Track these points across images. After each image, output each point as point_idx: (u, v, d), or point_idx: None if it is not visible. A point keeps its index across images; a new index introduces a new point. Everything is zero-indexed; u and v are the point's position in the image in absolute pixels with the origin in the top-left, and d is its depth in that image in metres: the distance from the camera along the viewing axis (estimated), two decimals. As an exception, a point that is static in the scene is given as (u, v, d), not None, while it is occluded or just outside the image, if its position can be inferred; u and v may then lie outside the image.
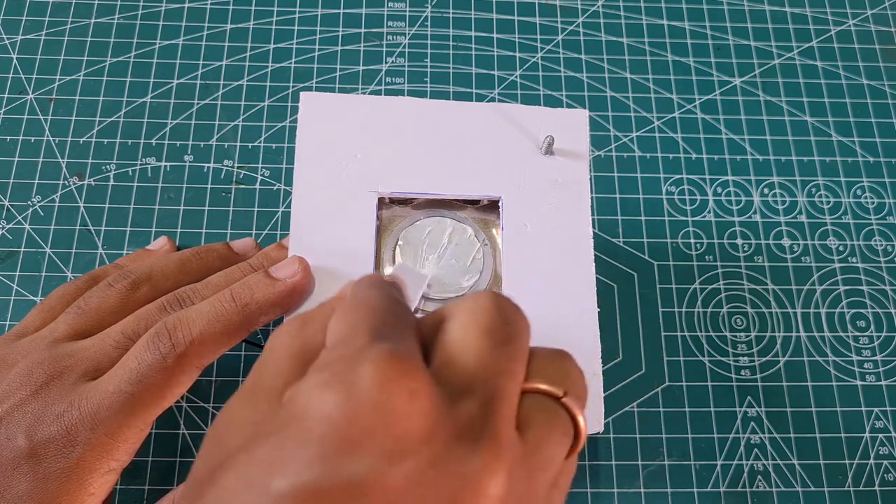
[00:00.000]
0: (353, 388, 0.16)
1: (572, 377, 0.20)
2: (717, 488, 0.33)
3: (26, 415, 0.25)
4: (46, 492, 0.24)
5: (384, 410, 0.16)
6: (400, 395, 0.16)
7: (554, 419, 0.19)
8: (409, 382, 0.16)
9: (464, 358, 0.18)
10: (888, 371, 0.36)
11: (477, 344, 0.18)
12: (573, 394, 0.19)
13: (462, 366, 0.18)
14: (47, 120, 0.39)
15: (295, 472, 0.15)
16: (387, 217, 0.31)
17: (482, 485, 0.16)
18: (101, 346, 0.27)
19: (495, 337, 0.18)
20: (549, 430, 0.18)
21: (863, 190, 0.39)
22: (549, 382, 0.19)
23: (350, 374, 0.16)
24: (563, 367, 0.20)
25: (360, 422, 0.15)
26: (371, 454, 0.15)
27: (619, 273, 0.37)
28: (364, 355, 0.16)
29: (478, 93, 0.40)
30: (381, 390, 0.16)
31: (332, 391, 0.16)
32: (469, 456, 0.16)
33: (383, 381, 0.16)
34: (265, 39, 0.41)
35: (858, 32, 0.43)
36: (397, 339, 0.17)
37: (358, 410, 0.15)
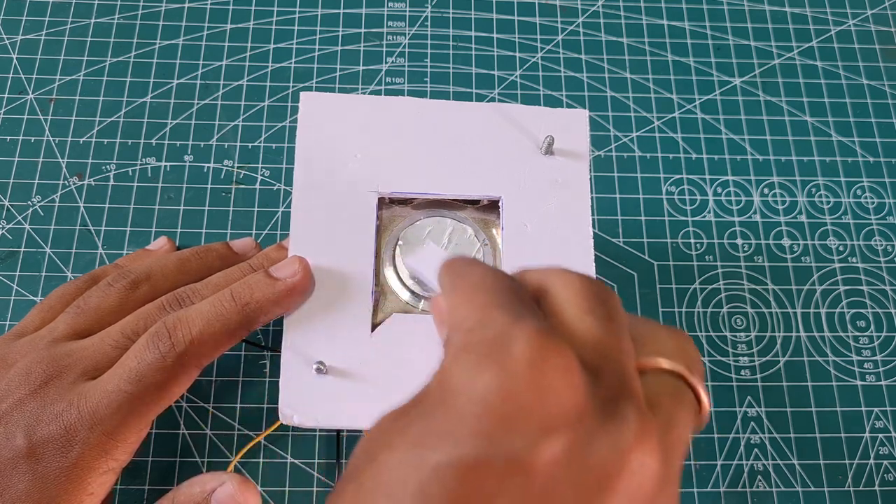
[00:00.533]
0: (507, 366, 0.16)
1: (689, 354, 0.20)
2: (717, 488, 0.33)
3: (25, 414, 0.25)
4: (45, 491, 0.24)
5: (539, 387, 0.16)
6: (553, 372, 0.16)
7: (682, 398, 0.19)
8: (560, 359, 0.16)
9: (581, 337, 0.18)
10: (888, 371, 0.36)
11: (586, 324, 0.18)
12: (696, 371, 0.19)
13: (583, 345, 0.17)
14: (47, 120, 0.39)
15: (453, 447, 0.15)
16: (387, 217, 0.31)
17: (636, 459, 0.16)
18: (100, 345, 0.27)
19: (598, 316, 0.18)
20: (679, 409, 0.18)
21: (863, 190, 0.39)
22: (670, 361, 0.19)
23: (502, 353, 0.16)
24: (678, 344, 0.20)
25: (516, 399, 0.15)
26: (528, 430, 0.15)
27: (619, 273, 0.37)
28: (513, 334, 0.16)
29: (478, 93, 0.40)
30: (535, 367, 0.16)
31: (485, 370, 0.16)
32: (619, 430, 0.16)
33: (536, 359, 0.16)
34: (265, 39, 0.41)
35: (858, 32, 0.43)
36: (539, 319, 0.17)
37: (513, 387, 0.15)
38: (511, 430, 0.15)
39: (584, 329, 0.18)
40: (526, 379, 0.15)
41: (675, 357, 0.19)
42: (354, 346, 0.28)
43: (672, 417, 0.18)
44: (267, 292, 0.28)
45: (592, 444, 0.16)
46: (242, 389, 0.34)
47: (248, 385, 0.34)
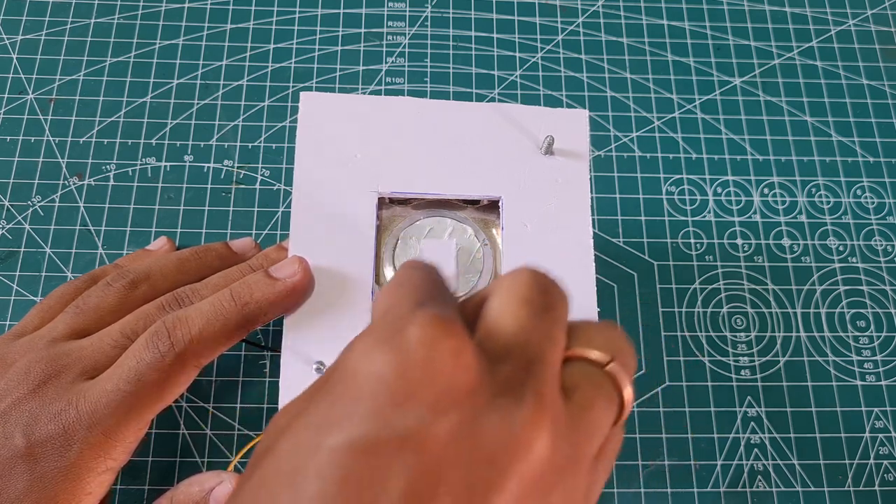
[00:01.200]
0: (401, 346, 0.16)
1: (618, 345, 0.20)
2: (717, 488, 0.33)
3: (24, 413, 0.25)
4: (43, 491, 0.24)
5: (430, 366, 0.16)
6: (444, 353, 0.16)
7: (598, 385, 0.19)
8: (452, 341, 0.16)
9: (503, 326, 0.18)
10: (888, 371, 0.36)
11: (516, 313, 0.19)
12: (619, 362, 0.20)
13: (502, 333, 0.18)
14: (47, 120, 0.39)
15: (348, 428, 0.15)
16: (387, 217, 0.31)
17: (526, 441, 0.16)
18: (99, 345, 0.27)
19: (534, 305, 0.19)
20: (594, 395, 0.19)
21: (863, 190, 0.39)
22: (594, 350, 0.20)
23: (397, 335, 0.17)
24: (608, 336, 0.20)
25: (408, 377, 0.16)
26: (419, 407, 0.16)
27: (619, 273, 0.37)
28: (410, 319, 0.17)
29: (478, 93, 0.40)
30: (427, 347, 0.16)
31: (380, 351, 0.16)
32: (512, 410, 0.16)
33: (429, 340, 0.16)
34: (265, 39, 0.41)
35: (858, 32, 0.43)
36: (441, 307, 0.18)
37: (406, 366, 0.16)
38: (403, 407, 0.16)
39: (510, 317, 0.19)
40: (417, 359, 0.16)
41: (601, 348, 0.20)
42: (354, 346, 0.28)
43: (586, 403, 0.18)
44: (267, 292, 0.28)
45: (483, 423, 0.16)
46: (242, 389, 0.34)
47: (248, 385, 0.34)
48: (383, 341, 0.17)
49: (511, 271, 0.20)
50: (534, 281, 0.20)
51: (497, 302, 0.19)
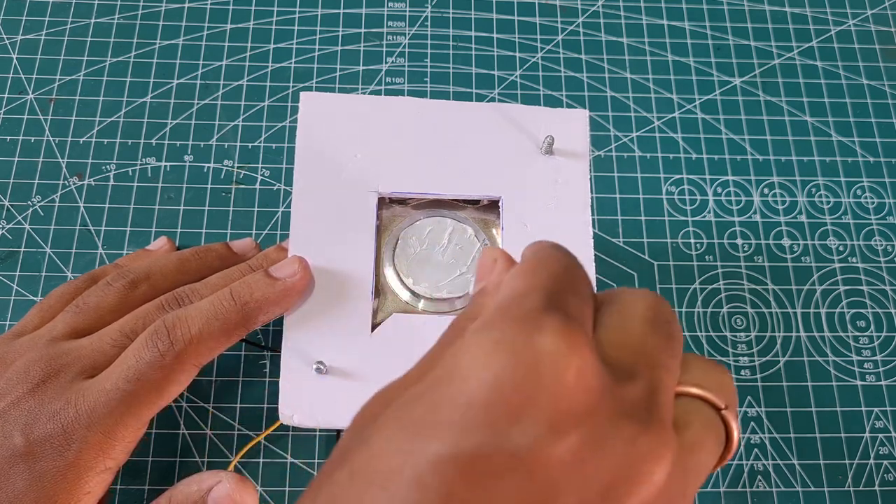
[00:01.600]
0: (524, 355, 0.15)
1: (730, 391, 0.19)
2: (717, 488, 0.33)
3: (23, 413, 0.25)
4: (42, 490, 0.24)
5: (553, 383, 0.15)
6: (569, 370, 0.15)
7: (710, 426, 0.18)
8: (579, 359, 0.15)
9: (630, 343, 0.18)
10: (888, 371, 0.36)
11: (643, 333, 0.18)
12: (732, 408, 0.19)
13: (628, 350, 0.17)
14: (47, 120, 0.39)
15: (454, 437, 0.14)
16: (387, 217, 0.31)
17: (647, 467, 0.15)
18: (98, 344, 0.27)
19: (658, 329, 0.18)
20: (706, 435, 0.18)
21: (863, 190, 0.39)
22: (708, 390, 0.19)
23: (521, 340, 0.15)
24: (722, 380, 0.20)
25: (527, 391, 0.15)
26: (537, 424, 0.15)
27: (619, 273, 0.37)
28: (539, 322, 0.15)
29: (478, 93, 0.40)
30: (555, 361, 0.15)
31: (501, 354, 0.15)
32: (635, 436, 0.15)
33: (555, 354, 0.15)
34: (265, 39, 0.41)
35: (858, 32, 0.43)
36: (573, 309, 0.17)
37: (529, 378, 0.15)
38: (517, 422, 0.14)
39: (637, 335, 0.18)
40: (542, 372, 0.15)
41: (713, 389, 0.19)
42: (354, 346, 0.28)
43: (698, 442, 0.18)
44: (266, 292, 0.28)
45: (605, 446, 0.15)
46: (242, 389, 0.34)
47: (248, 385, 0.34)
48: (506, 344, 0.15)
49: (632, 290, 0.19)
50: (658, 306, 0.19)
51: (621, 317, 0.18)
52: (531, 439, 0.14)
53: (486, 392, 0.15)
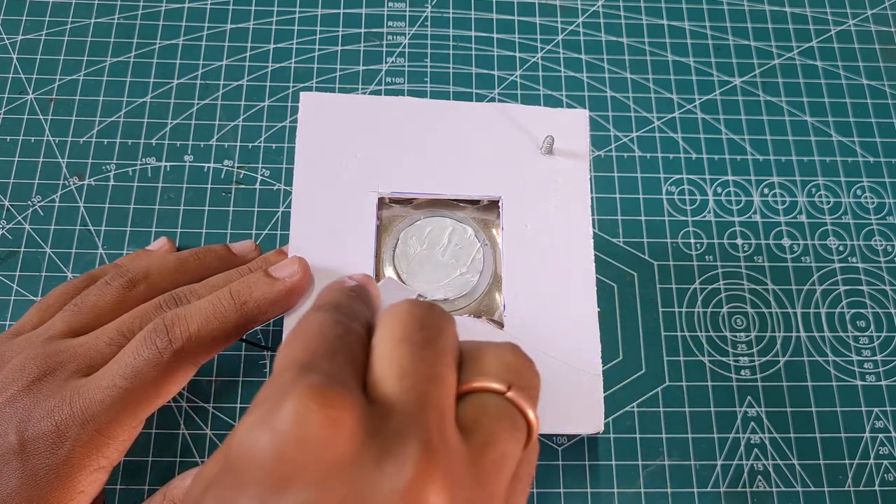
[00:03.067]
0: (277, 425, 0.16)
1: (515, 369, 0.19)
2: (717, 488, 0.33)
3: (18, 410, 0.25)
4: (35, 488, 0.24)
5: (307, 443, 0.16)
6: (321, 425, 0.16)
7: (499, 416, 0.18)
8: (329, 412, 0.16)
9: (387, 372, 0.18)
10: (888, 371, 0.36)
11: (395, 355, 0.18)
12: (518, 385, 0.19)
13: (387, 380, 0.18)
14: (47, 120, 0.39)
15: None
16: (387, 217, 0.31)
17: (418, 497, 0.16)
18: (95, 342, 0.27)
19: (411, 344, 0.18)
20: (496, 428, 0.18)
21: (863, 190, 0.39)
22: (490, 379, 0.19)
23: (274, 412, 0.16)
24: (505, 361, 0.19)
25: (287, 458, 0.16)
26: (303, 488, 0.15)
27: (619, 273, 0.37)
28: (287, 391, 0.16)
29: (478, 93, 0.40)
30: (301, 424, 0.16)
31: (258, 431, 0.16)
32: (400, 469, 0.16)
33: (303, 414, 0.16)
34: (265, 39, 0.41)
35: (858, 32, 0.43)
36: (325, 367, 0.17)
37: (283, 447, 0.16)
38: (287, 489, 0.15)
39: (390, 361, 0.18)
40: (294, 438, 0.16)
41: (498, 374, 0.19)
42: (354, 346, 0.28)
43: (489, 438, 0.18)
44: (266, 292, 0.28)
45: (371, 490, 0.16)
46: (242, 389, 0.34)
47: (248, 385, 0.34)
48: (260, 420, 0.16)
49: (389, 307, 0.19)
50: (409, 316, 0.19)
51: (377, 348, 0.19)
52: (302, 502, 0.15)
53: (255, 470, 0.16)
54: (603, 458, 0.33)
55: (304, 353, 0.18)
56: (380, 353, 0.18)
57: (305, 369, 0.17)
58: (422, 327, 0.19)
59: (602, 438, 0.34)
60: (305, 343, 0.18)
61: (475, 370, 0.19)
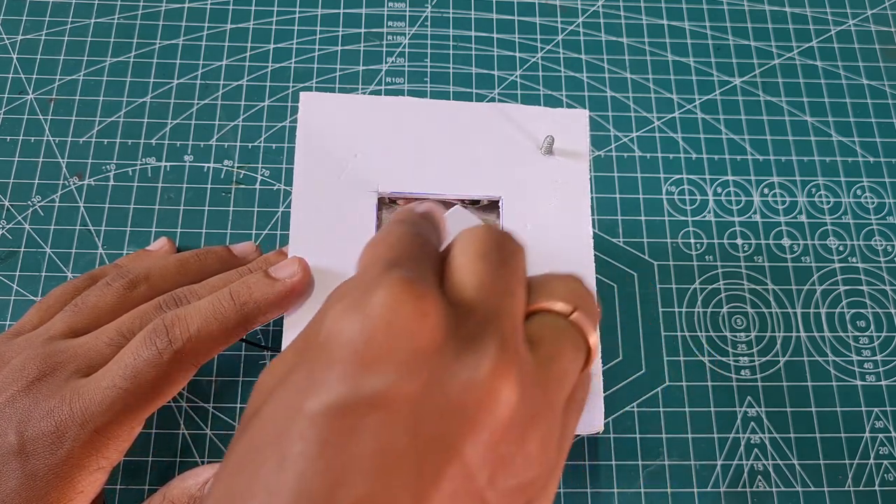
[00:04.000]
0: (368, 311, 0.17)
1: (580, 294, 0.21)
2: (717, 488, 0.33)
3: (17, 410, 0.25)
4: (35, 489, 0.24)
5: (396, 329, 0.17)
6: (410, 315, 0.17)
7: (563, 335, 0.20)
8: (418, 303, 0.17)
9: (465, 283, 0.19)
10: (888, 371, 0.36)
11: (474, 269, 0.20)
12: (582, 310, 0.20)
13: (465, 290, 0.19)
14: (47, 120, 0.39)
15: (324, 393, 0.16)
16: (387, 217, 0.31)
17: (492, 389, 0.17)
18: (95, 343, 0.27)
19: (490, 260, 0.20)
20: (560, 345, 0.20)
21: (863, 190, 0.39)
22: (556, 301, 0.20)
23: (365, 299, 0.17)
24: (570, 287, 0.21)
25: (376, 342, 0.17)
26: (388, 370, 0.17)
27: (619, 273, 0.37)
28: (377, 281, 0.18)
29: (478, 93, 0.40)
30: (392, 311, 0.17)
31: (349, 316, 0.17)
32: (477, 363, 0.17)
33: (394, 303, 0.17)
34: (265, 39, 0.41)
35: (858, 32, 0.43)
36: (411, 267, 0.19)
37: (373, 331, 0.17)
38: (372, 370, 0.17)
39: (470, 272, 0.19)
40: (384, 322, 0.17)
41: (563, 299, 0.21)
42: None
43: (553, 352, 0.19)
44: (266, 292, 0.28)
45: (450, 379, 0.17)
46: (242, 389, 0.34)
47: (248, 385, 0.34)
48: (352, 306, 0.17)
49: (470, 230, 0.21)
50: (488, 236, 0.20)
51: (457, 260, 0.20)
52: (384, 383, 0.17)
53: (343, 350, 0.17)
54: (603, 458, 0.33)
55: (390, 252, 0.19)
56: (459, 265, 0.20)
57: (393, 265, 0.18)
58: (499, 248, 0.20)
59: (602, 438, 0.34)
60: (390, 245, 0.20)
61: (543, 293, 0.21)
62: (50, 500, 0.25)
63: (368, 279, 0.18)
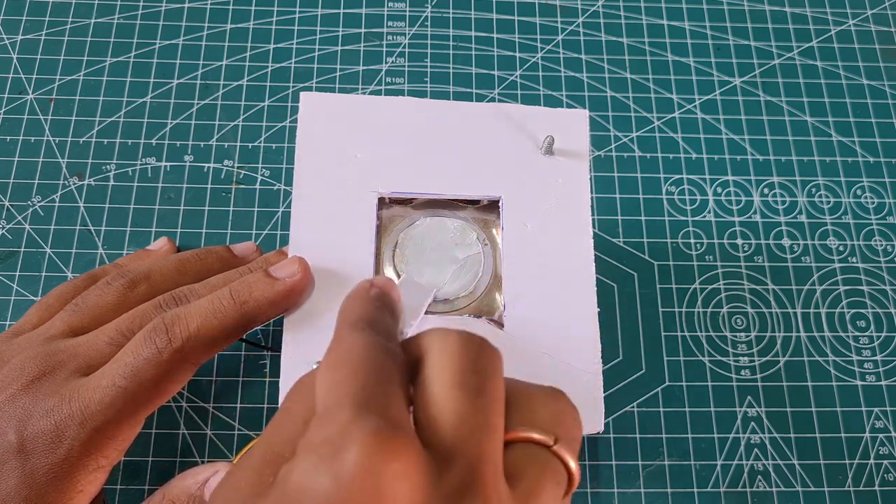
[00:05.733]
0: (341, 471, 0.16)
1: (562, 420, 0.19)
2: (717, 488, 0.33)
3: (17, 409, 0.25)
4: (34, 488, 0.24)
5: (373, 494, 0.15)
6: (388, 477, 0.16)
7: (545, 470, 0.18)
8: (396, 463, 0.16)
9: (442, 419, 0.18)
10: (888, 371, 0.36)
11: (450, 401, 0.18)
12: (564, 439, 0.19)
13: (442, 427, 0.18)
14: (47, 120, 0.39)
15: None
16: (387, 217, 0.31)
17: None
18: (95, 342, 0.27)
19: (467, 388, 0.18)
20: (541, 481, 0.18)
21: (863, 190, 0.39)
22: (537, 430, 0.19)
23: (336, 458, 0.16)
24: (552, 410, 0.20)
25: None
26: None
27: (619, 273, 0.37)
28: (349, 434, 0.16)
29: (478, 93, 0.40)
30: (367, 474, 0.15)
31: (321, 476, 0.16)
32: None
33: (370, 464, 0.16)
34: (265, 39, 0.41)
35: (858, 32, 0.43)
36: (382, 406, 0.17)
37: (347, 496, 0.15)
38: None
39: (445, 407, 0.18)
40: (360, 487, 0.15)
41: (545, 425, 0.19)
42: (354, 346, 0.28)
43: (533, 489, 0.18)
44: (266, 292, 0.28)
45: None
46: (242, 389, 0.34)
47: (248, 385, 0.34)
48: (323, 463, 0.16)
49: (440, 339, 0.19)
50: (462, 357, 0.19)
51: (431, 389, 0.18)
52: None
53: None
54: (603, 459, 0.33)
55: (355, 385, 0.17)
56: (432, 396, 0.18)
57: (363, 409, 0.17)
58: (475, 370, 0.19)
59: (602, 438, 0.34)
60: (353, 372, 0.18)
61: (522, 418, 0.19)
62: (49, 500, 0.25)
63: (338, 428, 0.16)
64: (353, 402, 0.17)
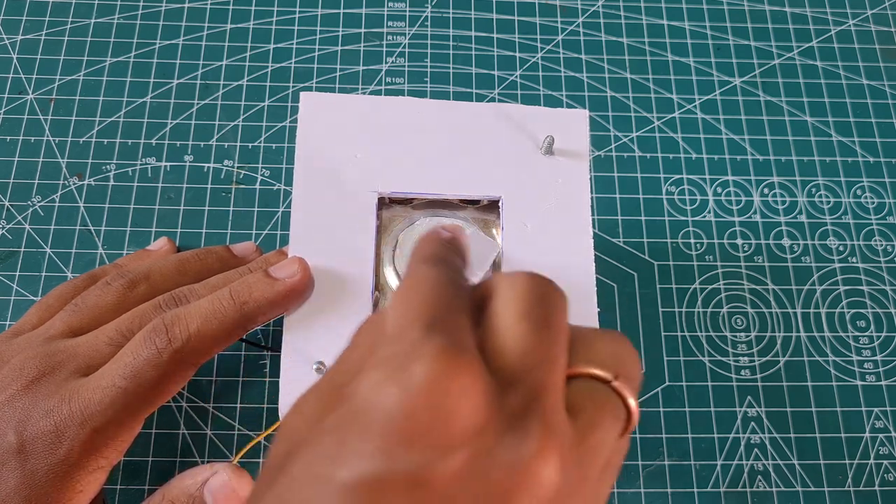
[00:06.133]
0: (408, 384, 0.16)
1: (623, 359, 0.20)
2: (717, 488, 0.33)
3: (17, 410, 0.25)
4: (34, 488, 0.24)
5: (438, 407, 0.16)
6: (453, 393, 0.16)
7: (604, 404, 0.19)
8: (461, 379, 0.16)
9: (508, 347, 0.18)
10: (888, 371, 0.36)
11: (517, 332, 0.19)
12: (623, 376, 0.20)
13: (508, 357, 0.18)
14: (47, 120, 0.39)
15: (357, 464, 0.16)
16: (387, 217, 0.31)
17: (535, 472, 0.16)
18: (94, 342, 0.27)
19: (533, 321, 0.19)
20: (600, 415, 0.19)
21: (863, 190, 0.39)
22: (598, 366, 0.20)
23: (405, 371, 0.16)
24: (613, 350, 0.20)
25: (416, 418, 0.16)
26: (427, 448, 0.16)
27: (619, 273, 0.37)
28: (418, 351, 0.17)
29: (478, 93, 0.40)
30: (434, 388, 0.16)
31: (388, 388, 0.16)
32: (519, 445, 0.17)
33: (436, 379, 0.16)
34: (265, 39, 0.41)
35: (858, 32, 0.43)
36: (451, 329, 0.18)
37: (414, 407, 0.16)
38: (411, 447, 0.16)
39: (512, 337, 0.18)
40: (426, 399, 0.16)
41: (606, 363, 0.20)
42: (354, 346, 0.28)
43: (592, 423, 0.18)
44: (266, 292, 0.28)
45: (491, 460, 0.16)
46: (242, 389, 0.34)
47: (248, 385, 0.34)
48: (391, 377, 0.16)
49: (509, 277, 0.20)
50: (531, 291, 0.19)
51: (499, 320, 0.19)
52: (423, 461, 0.16)
53: (381, 421, 0.16)
54: (603, 458, 0.33)
55: (425, 308, 0.18)
56: (500, 326, 0.19)
57: (431, 329, 0.17)
58: (542, 304, 0.19)
59: (602, 438, 0.34)
60: (423, 299, 0.19)
61: (585, 355, 0.20)
62: (49, 500, 0.25)
63: (407, 345, 0.17)
64: (422, 324, 0.18)
